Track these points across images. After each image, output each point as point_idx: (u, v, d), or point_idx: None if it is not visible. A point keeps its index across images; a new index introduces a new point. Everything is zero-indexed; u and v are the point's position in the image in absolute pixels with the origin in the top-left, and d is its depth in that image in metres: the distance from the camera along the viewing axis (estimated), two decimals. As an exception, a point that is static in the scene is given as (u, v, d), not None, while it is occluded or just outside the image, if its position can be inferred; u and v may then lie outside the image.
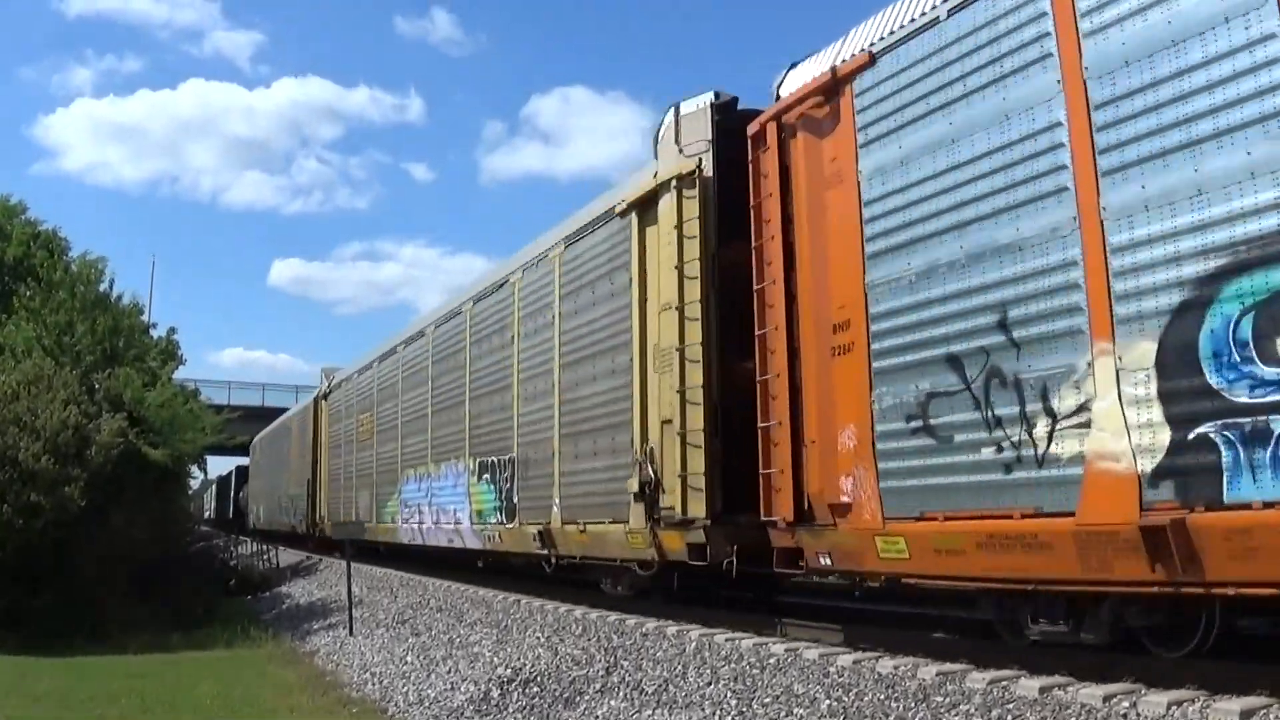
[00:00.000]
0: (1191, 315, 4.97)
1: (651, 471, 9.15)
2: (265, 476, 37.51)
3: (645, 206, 9.71)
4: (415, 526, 16.84)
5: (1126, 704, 5.14)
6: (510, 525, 12.65)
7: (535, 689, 8.31)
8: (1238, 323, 4.74)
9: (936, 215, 6.46)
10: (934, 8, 6.61)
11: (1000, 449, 5.94)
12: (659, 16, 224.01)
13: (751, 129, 8.22)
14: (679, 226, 9.01)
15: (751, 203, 8.21)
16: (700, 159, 9.03)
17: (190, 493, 42.11)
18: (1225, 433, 4.77)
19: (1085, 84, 5.54)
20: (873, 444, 6.83)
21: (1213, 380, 4.83)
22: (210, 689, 10.45)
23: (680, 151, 9.19)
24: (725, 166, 8.83)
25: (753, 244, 8.17)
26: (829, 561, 7.29)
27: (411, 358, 17.82)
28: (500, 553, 13.79)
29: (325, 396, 25.27)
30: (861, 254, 7.01)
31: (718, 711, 6.70)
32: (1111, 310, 5.33)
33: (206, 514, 58.69)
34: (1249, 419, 4.67)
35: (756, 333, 8.01)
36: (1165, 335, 5.08)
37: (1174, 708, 4.96)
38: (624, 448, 9.90)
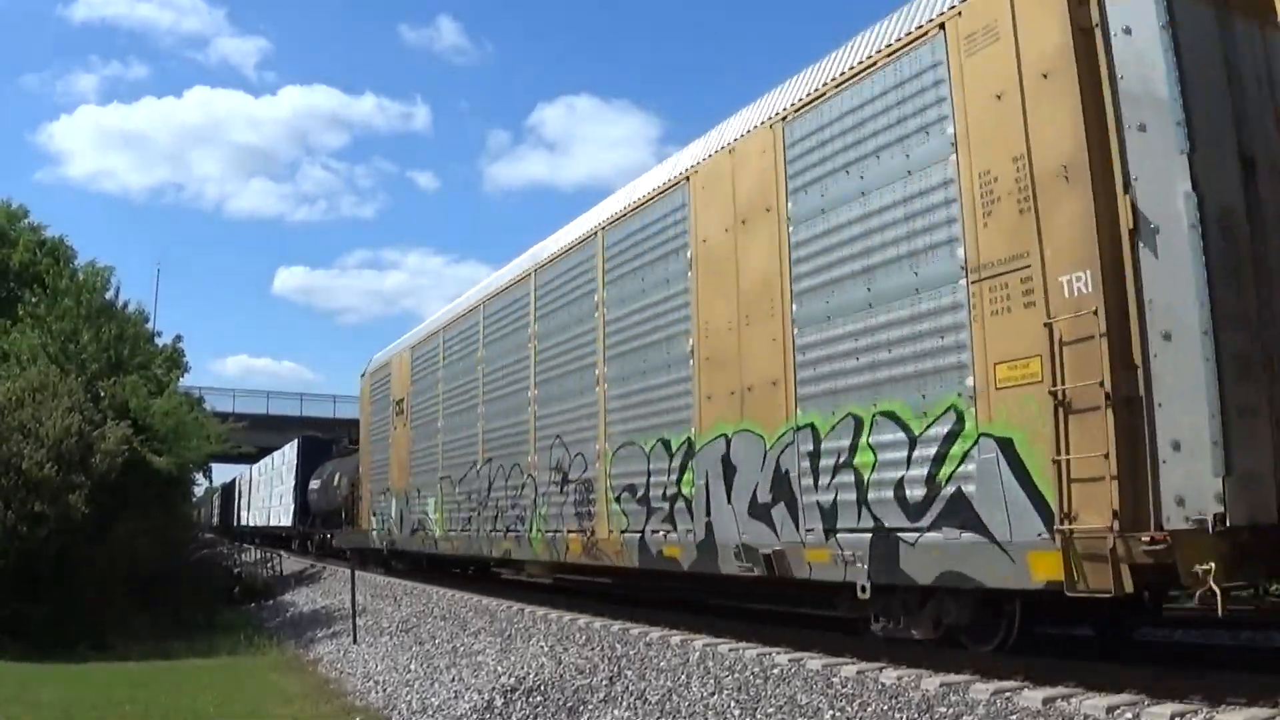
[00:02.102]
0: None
1: None
2: (450, 433, 15.85)
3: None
4: None
5: (1130, 715, 5.14)
6: None
7: (539, 698, 8.30)
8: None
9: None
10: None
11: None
12: (665, 24, 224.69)
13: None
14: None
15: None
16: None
17: (194, 500, 41.51)
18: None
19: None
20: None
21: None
22: (213, 697, 10.44)
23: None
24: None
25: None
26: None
27: None
28: None
29: None
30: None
31: (721, 722, 6.68)
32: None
33: (214, 520, 58.50)
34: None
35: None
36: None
37: (1177, 719, 4.96)
38: None
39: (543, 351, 12.46)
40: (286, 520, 34.39)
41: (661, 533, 9.60)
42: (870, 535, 7.06)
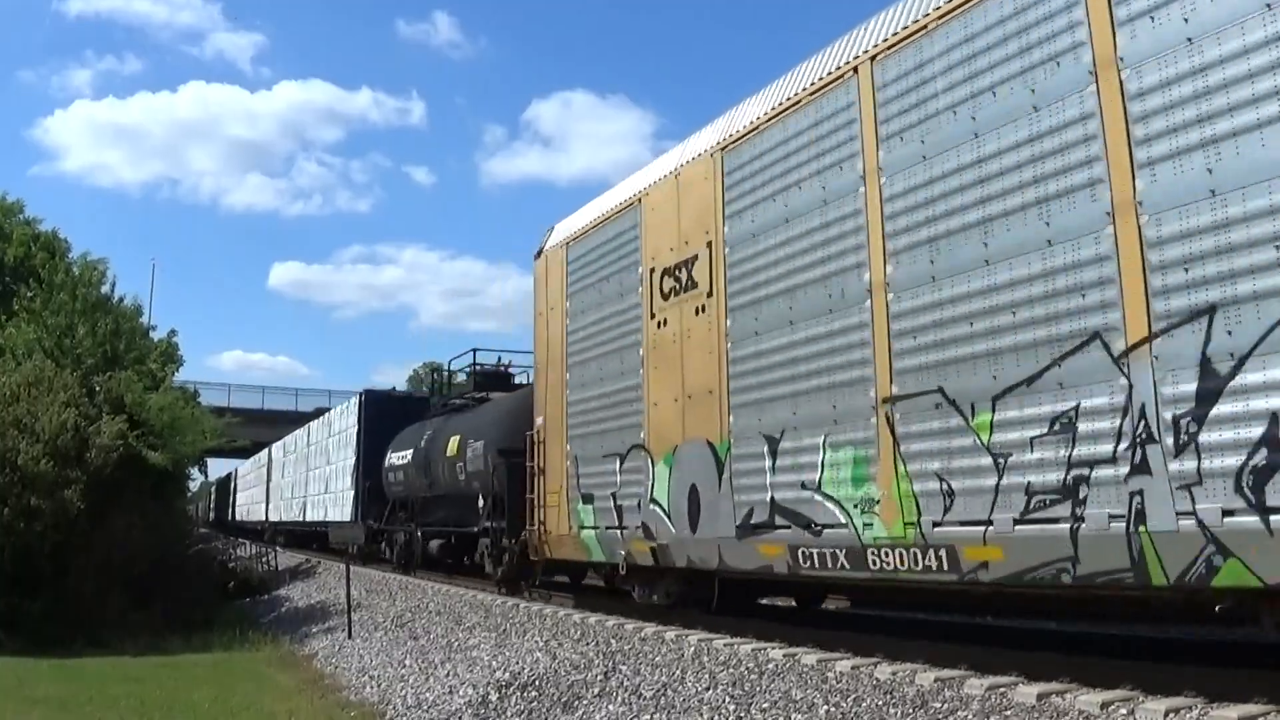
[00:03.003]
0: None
1: None
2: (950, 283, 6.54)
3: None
4: None
5: (1124, 711, 5.14)
6: None
7: (533, 693, 8.30)
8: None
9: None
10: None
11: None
12: (662, 20, 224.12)
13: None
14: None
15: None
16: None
17: (189, 495, 41.20)
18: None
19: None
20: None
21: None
22: (209, 692, 10.44)
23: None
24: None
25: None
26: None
27: None
28: None
29: None
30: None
31: (716, 717, 6.69)
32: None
33: (210, 515, 58.52)
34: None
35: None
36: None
37: (1171, 715, 4.97)
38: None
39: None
40: (341, 514, 23.29)
41: None
42: None
